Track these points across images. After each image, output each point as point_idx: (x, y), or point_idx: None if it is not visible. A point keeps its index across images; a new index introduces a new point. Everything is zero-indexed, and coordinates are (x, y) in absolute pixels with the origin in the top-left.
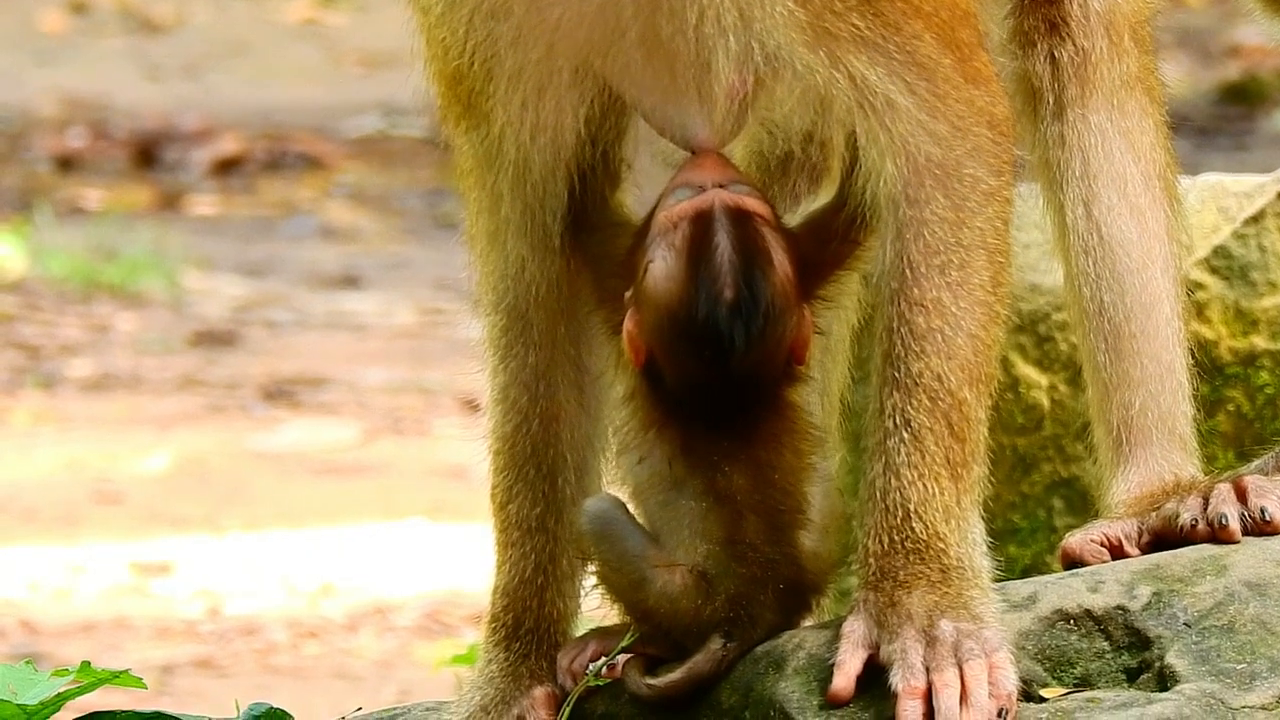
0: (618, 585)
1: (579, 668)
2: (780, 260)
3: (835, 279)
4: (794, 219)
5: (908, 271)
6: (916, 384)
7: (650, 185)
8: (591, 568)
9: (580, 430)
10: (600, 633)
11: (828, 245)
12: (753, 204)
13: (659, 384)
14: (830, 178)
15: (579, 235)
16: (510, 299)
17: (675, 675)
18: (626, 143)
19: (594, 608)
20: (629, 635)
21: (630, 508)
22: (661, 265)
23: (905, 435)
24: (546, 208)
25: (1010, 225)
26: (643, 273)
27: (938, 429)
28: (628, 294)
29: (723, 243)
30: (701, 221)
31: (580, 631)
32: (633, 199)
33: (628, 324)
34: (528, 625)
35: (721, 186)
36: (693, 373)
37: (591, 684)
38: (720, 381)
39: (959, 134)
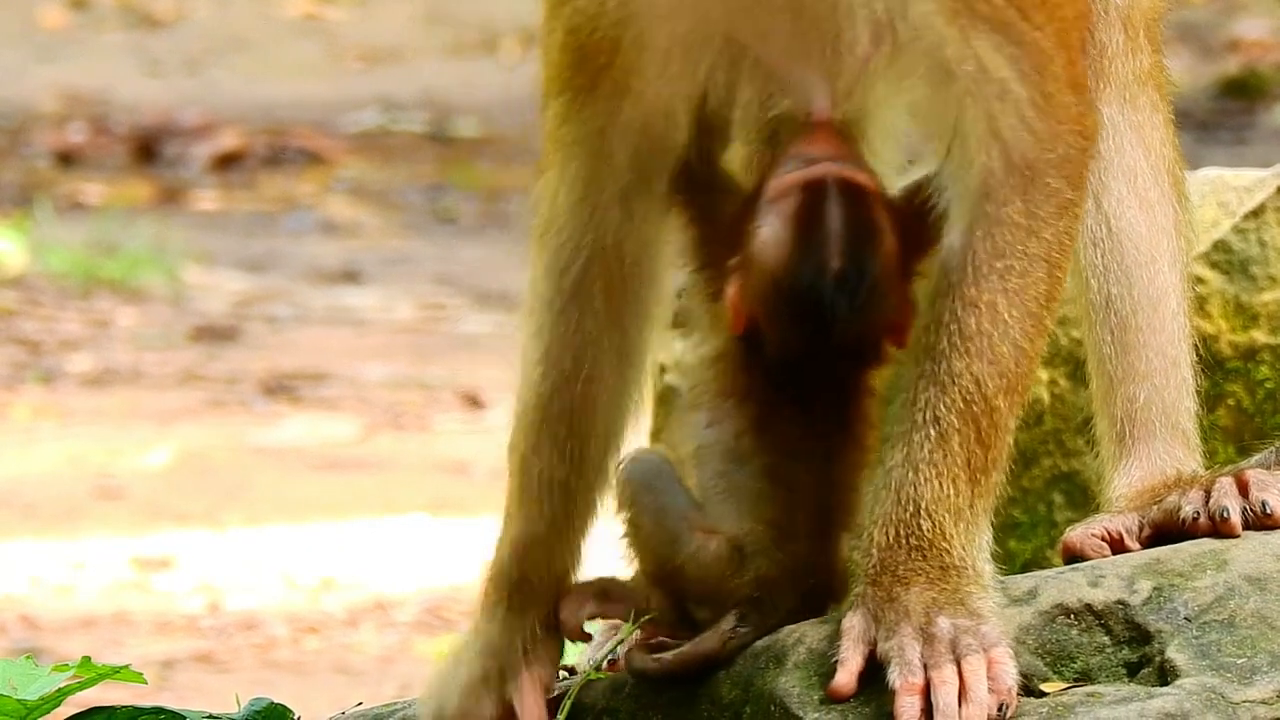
0: (650, 538)
1: (578, 621)
2: (888, 237)
3: (931, 255)
4: (894, 191)
5: (969, 270)
6: (953, 382)
7: (762, 151)
8: (623, 515)
9: (619, 399)
10: (600, 587)
11: (924, 220)
12: (864, 179)
13: (754, 354)
14: (929, 155)
15: (687, 195)
16: (577, 263)
17: (683, 649)
18: (743, 106)
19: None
20: (630, 627)
21: (678, 468)
22: (770, 232)
23: (932, 431)
24: (651, 168)
25: (1075, 242)
26: (751, 239)
27: (965, 431)
28: (732, 260)
29: (832, 214)
30: (812, 191)
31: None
32: (744, 165)
33: (731, 290)
34: (533, 581)
35: (834, 160)
36: (793, 342)
37: (591, 678)
38: (819, 352)
39: (1054, 138)
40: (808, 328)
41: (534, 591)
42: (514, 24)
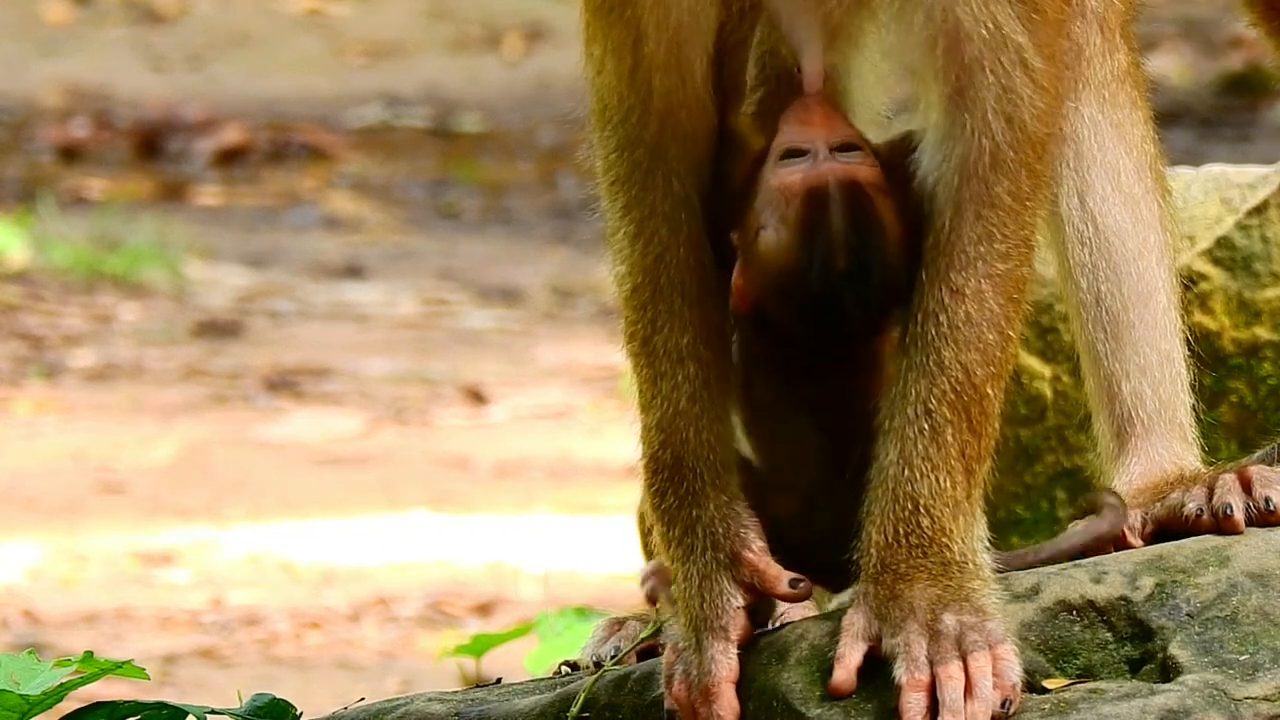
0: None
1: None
2: (891, 227)
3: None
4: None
5: (956, 255)
6: (943, 373)
7: (761, 109)
8: None
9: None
10: (616, 623)
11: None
12: (864, 173)
13: (763, 327)
14: (914, 114)
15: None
16: (649, 131)
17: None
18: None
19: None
20: (650, 628)
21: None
22: (773, 236)
23: (925, 425)
24: (693, 42)
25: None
26: (754, 236)
27: (957, 422)
28: (736, 238)
29: (836, 221)
30: (815, 198)
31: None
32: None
33: (736, 276)
34: (688, 461)
35: (831, 148)
36: (802, 333)
37: (609, 669)
38: (829, 339)
39: (1052, 116)
40: (817, 323)
41: (693, 474)
42: (517, 20)
